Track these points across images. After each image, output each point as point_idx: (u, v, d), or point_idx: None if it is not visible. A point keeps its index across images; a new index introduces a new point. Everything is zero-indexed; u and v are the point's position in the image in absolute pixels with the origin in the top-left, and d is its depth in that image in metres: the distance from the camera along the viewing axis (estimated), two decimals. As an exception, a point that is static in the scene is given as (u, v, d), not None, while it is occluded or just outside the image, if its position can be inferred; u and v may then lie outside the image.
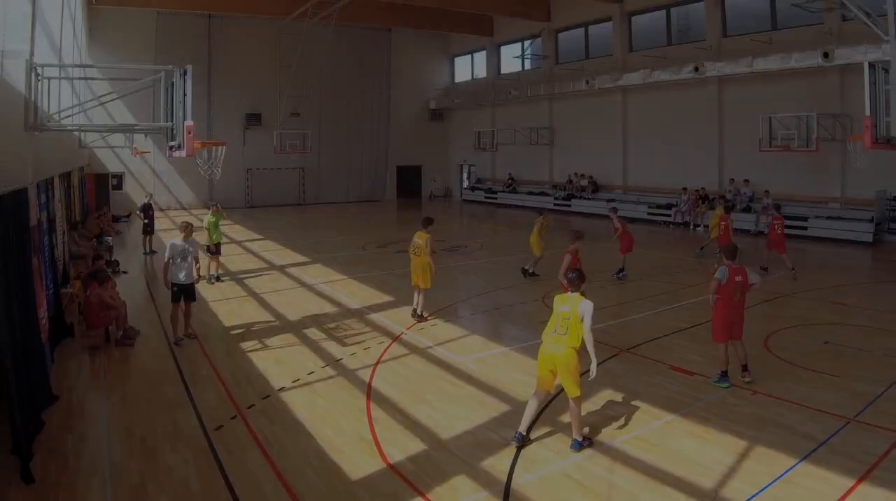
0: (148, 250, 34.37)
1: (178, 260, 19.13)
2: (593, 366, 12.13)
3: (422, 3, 54.44)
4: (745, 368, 15.37)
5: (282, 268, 31.14)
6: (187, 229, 19.90)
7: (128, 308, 20.06)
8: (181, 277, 19.23)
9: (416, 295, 22.05)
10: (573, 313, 11.97)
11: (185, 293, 19.36)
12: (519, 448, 12.05)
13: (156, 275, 27.94)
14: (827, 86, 38.92)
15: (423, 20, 61.72)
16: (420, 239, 21.54)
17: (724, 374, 15.18)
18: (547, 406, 13.61)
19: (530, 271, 26.97)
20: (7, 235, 12.68)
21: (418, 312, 21.83)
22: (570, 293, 12.39)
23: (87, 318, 18.83)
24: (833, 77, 38.47)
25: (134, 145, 46.78)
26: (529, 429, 12.51)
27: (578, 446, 12.03)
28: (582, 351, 11.91)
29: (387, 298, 24.83)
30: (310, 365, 17.07)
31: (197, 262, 19.86)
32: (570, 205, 55.09)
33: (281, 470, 11.40)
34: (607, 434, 12.69)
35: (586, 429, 12.58)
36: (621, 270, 27.55)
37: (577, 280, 12.44)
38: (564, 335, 11.98)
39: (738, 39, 43.80)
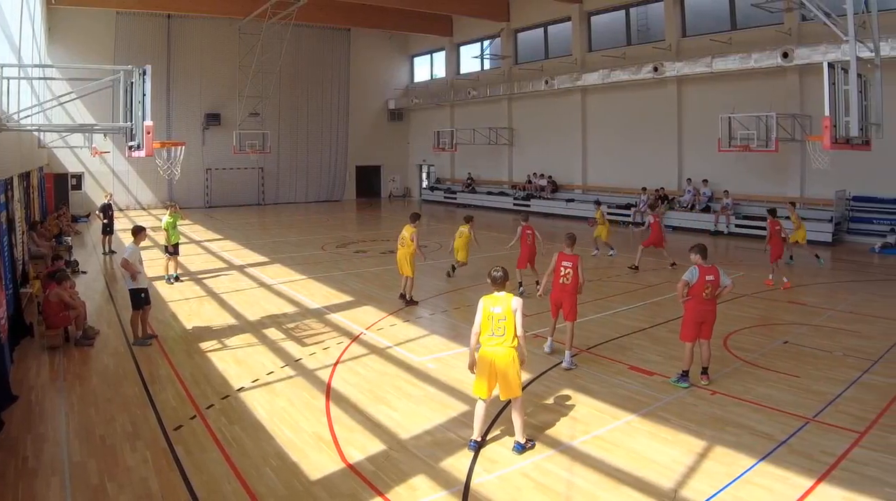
0: (107, 250, 34.22)
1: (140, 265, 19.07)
2: (523, 361, 12.18)
3: (381, 3, 54.27)
4: (705, 371, 15.36)
5: (241, 268, 31.02)
6: (141, 234, 19.97)
7: (87, 308, 20.08)
8: (146, 282, 19.20)
9: (403, 281, 24.09)
10: (507, 313, 11.91)
11: (147, 297, 19.33)
12: (475, 452, 12.00)
13: (115, 276, 27.75)
14: (786, 86, 39.21)
15: (382, 20, 61.64)
16: (407, 232, 23.75)
17: (685, 374, 15.21)
18: (505, 407, 13.50)
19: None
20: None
21: (407, 297, 23.80)
22: (497, 293, 12.26)
23: (46, 318, 18.69)
24: (792, 77, 38.74)
25: (93, 145, 46.43)
26: (485, 435, 12.51)
27: (521, 448, 11.99)
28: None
29: (346, 298, 24.74)
30: (269, 365, 17.06)
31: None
32: (529, 205, 54.77)
33: (240, 470, 11.38)
34: (566, 434, 12.70)
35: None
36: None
37: (502, 278, 12.36)
38: (503, 336, 11.95)
39: (697, 39, 44.08)
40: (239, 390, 15.23)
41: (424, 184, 74.30)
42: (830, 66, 22.97)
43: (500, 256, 26.75)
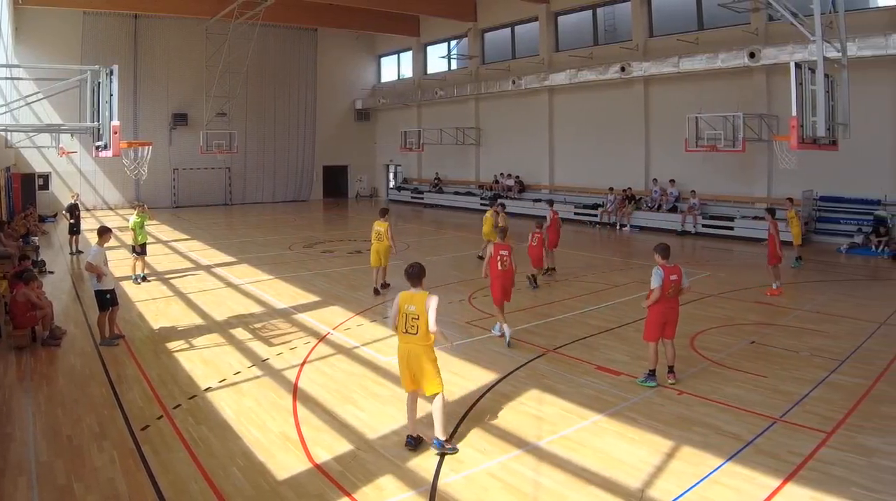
0: (74, 250, 34.05)
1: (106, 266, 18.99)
2: (449, 341, 12.58)
3: (348, 3, 54.05)
4: (671, 369, 15.36)
5: (208, 268, 30.86)
6: (106, 235, 19.88)
7: (54, 308, 19.98)
8: (112, 283, 19.13)
9: (375, 273, 25.55)
10: (421, 311, 12.01)
11: (114, 298, 19.21)
12: (412, 451, 12.08)
13: (82, 276, 27.59)
14: (753, 86, 39.34)
15: (349, 20, 61.45)
16: (381, 226, 25.15)
17: (652, 374, 15.20)
18: (472, 407, 13.72)
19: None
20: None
21: (383, 282, 25.61)
22: (413, 290, 12.38)
23: (13, 318, 18.54)
24: (759, 77, 38.86)
25: (60, 145, 46.19)
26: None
27: (440, 445, 11.98)
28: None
29: (313, 298, 24.67)
30: (236, 365, 16.98)
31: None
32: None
33: (207, 470, 11.33)
34: (533, 434, 12.68)
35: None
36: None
37: (417, 276, 12.49)
38: (416, 334, 12.07)
39: (664, 39, 44.16)
40: (206, 390, 15.16)
41: (391, 184, 74.22)
42: (797, 65, 23.06)
43: (468, 256, 26.68)
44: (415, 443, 12.16)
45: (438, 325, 12.08)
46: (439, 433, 12.05)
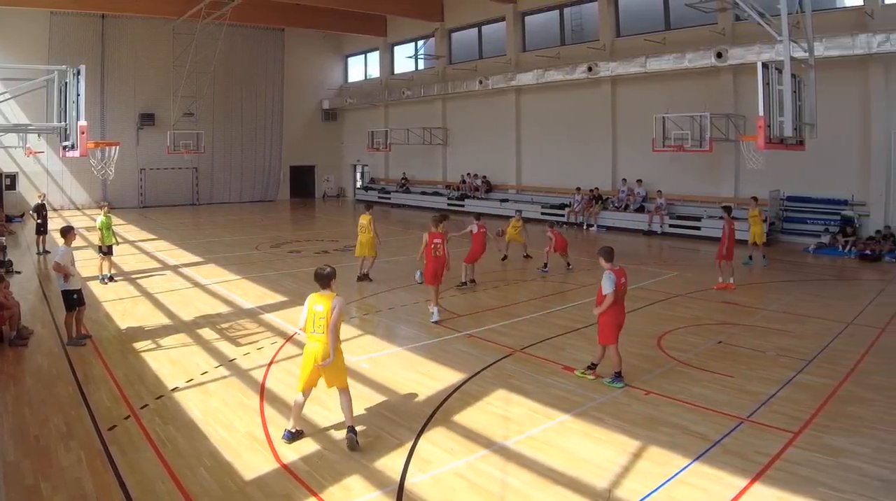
0: (41, 250, 33.85)
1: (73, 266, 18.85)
2: (330, 354, 12.27)
3: (315, 3, 54.00)
4: (594, 366, 15.77)
5: (175, 268, 30.65)
6: (70, 234, 19.67)
7: (21, 308, 19.78)
8: (79, 283, 19.00)
9: (360, 263, 27.45)
10: (327, 312, 12.14)
11: (81, 298, 19.06)
12: (290, 442, 12.30)
13: (49, 276, 27.38)
14: (720, 86, 39.50)
15: (316, 20, 61.42)
16: (364, 219, 27.16)
17: (619, 375, 15.16)
18: (439, 407, 13.69)
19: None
20: None
21: (364, 272, 27.38)
22: (322, 291, 12.51)
23: (-20, 318, 18.45)
24: (726, 77, 39.02)
25: (27, 145, 45.91)
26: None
27: (353, 433, 12.20)
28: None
29: (280, 298, 24.58)
30: (203, 365, 16.84)
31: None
32: (463, 205, 54.84)
33: (174, 470, 11.22)
34: (500, 434, 12.63)
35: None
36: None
37: (328, 277, 12.58)
38: (322, 334, 12.20)
39: (631, 39, 44.27)
40: (173, 390, 15.02)
41: (359, 184, 74.25)
42: (764, 66, 23.13)
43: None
44: (293, 438, 12.42)
45: (338, 330, 12.40)
46: (350, 421, 12.42)
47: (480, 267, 26.99)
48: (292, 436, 12.35)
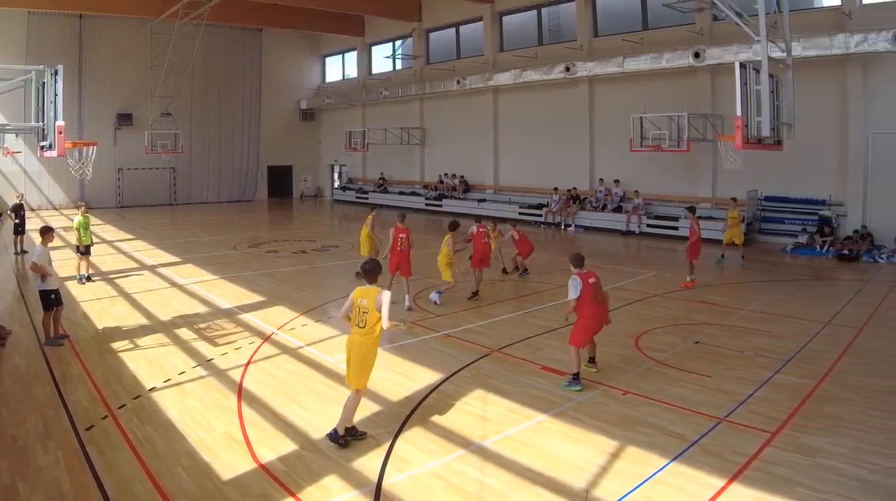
0: (19, 250, 33.66)
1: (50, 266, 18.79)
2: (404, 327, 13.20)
3: (292, 3, 53.95)
4: (594, 360, 15.86)
5: (153, 268, 30.52)
6: (49, 235, 19.59)
7: (-1, 308, 19.73)
8: (56, 283, 18.94)
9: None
10: (371, 306, 12.12)
11: (59, 298, 18.97)
12: (342, 446, 12.16)
13: (26, 276, 27.26)
14: (698, 86, 39.58)
15: (293, 20, 61.40)
16: (368, 217, 27.97)
17: (577, 377, 15.13)
18: (417, 407, 13.72)
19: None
20: None
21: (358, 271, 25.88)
22: (367, 286, 12.49)
23: (-41, 318, 18.38)
24: (704, 77, 39.10)
25: (5, 145, 45.78)
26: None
27: (335, 436, 12.21)
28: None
29: (258, 298, 24.51)
30: (181, 366, 16.78)
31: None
32: (441, 205, 55.04)
33: (152, 470, 11.20)
34: (478, 434, 12.62)
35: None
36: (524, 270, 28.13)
37: (373, 272, 12.64)
38: (364, 327, 12.22)
39: (609, 39, 44.30)
40: (151, 390, 14.97)
41: (336, 184, 74.24)
42: (742, 66, 23.14)
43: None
44: (355, 435, 12.36)
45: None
46: (341, 426, 12.28)
47: (458, 268, 26.95)
48: (355, 434, 12.41)
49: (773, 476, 10.82)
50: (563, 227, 45.13)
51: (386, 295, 12.19)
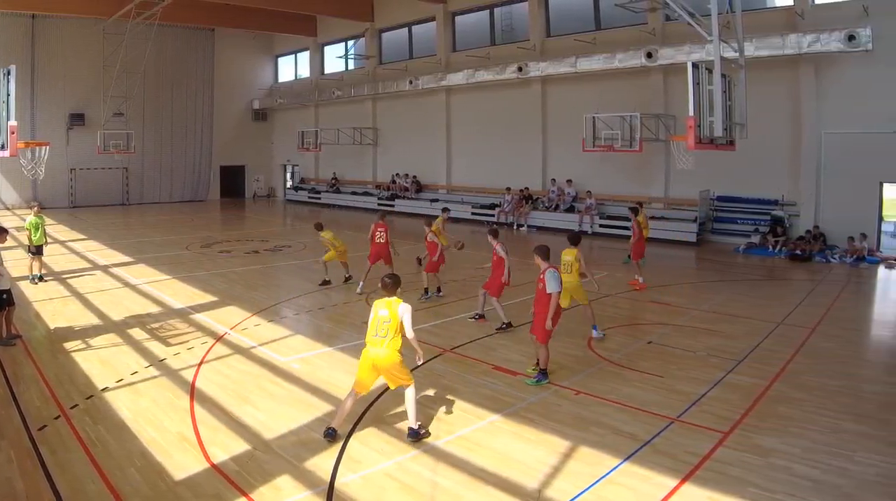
0: (-28, 251, 33.25)
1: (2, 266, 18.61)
2: (420, 354, 12.75)
3: (245, 3, 53.83)
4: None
5: (105, 268, 30.34)
6: (1, 236, 19.46)
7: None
8: (8, 283, 18.74)
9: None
10: (393, 316, 12.21)
11: (10, 298, 18.81)
12: (331, 441, 12.27)
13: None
14: (651, 86, 39.84)
15: (246, 20, 61.27)
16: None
17: (545, 372, 15.24)
18: (370, 406, 13.70)
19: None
20: None
21: (345, 276, 27.22)
22: (388, 297, 12.49)
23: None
24: (657, 77, 39.35)
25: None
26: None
27: (416, 434, 12.36)
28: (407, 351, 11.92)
29: (210, 298, 24.44)
30: (133, 365, 16.69)
31: None
32: (393, 205, 54.98)
33: (104, 470, 11.15)
34: (431, 434, 12.67)
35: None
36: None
37: (393, 285, 12.60)
38: (385, 338, 12.23)
39: (561, 40, 44.48)
40: (103, 390, 14.90)
41: (289, 184, 74.39)
42: (695, 66, 23.21)
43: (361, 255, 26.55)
44: (334, 436, 12.38)
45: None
46: (412, 422, 12.45)
47: (407, 267, 26.99)
48: (334, 434, 12.38)
49: (725, 476, 10.89)
50: (515, 227, 45.24)
51: (406, 308, 12.36)
